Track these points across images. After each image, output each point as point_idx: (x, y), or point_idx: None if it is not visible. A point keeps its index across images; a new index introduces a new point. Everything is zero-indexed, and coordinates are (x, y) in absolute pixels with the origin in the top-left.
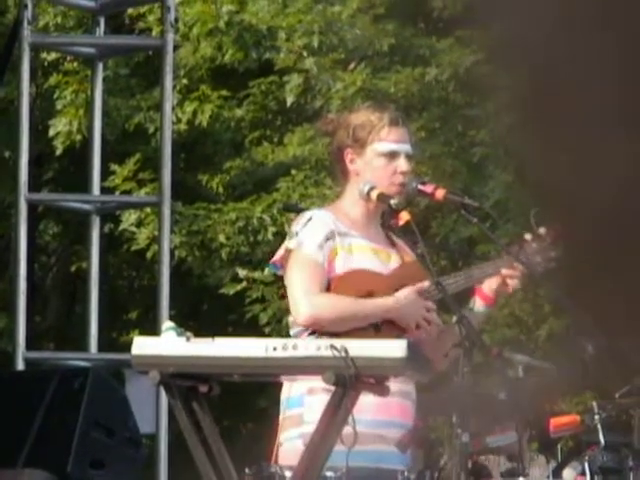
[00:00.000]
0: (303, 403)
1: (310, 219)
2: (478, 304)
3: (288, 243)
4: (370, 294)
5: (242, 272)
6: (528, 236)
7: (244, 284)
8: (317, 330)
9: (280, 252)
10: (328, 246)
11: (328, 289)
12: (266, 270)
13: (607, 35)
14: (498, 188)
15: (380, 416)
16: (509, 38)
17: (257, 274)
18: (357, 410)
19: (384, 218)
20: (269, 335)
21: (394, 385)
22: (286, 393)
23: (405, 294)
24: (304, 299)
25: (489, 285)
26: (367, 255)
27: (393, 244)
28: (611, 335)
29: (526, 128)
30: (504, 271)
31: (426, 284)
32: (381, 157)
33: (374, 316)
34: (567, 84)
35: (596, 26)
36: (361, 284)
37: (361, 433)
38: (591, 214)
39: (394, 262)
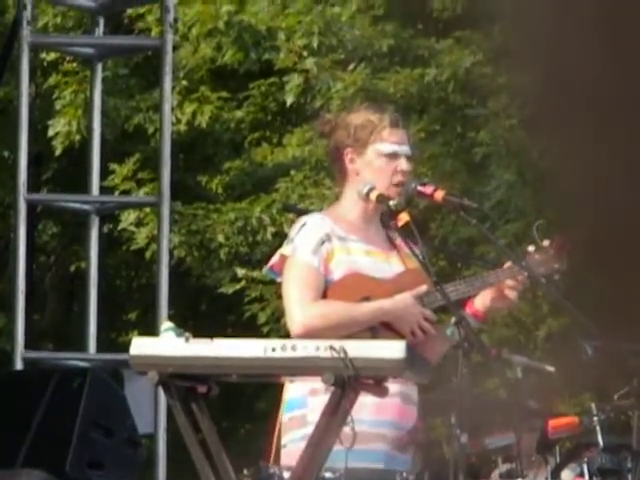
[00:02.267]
0: (306, 404)
1: (304, 224)
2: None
3: (283, 249)
4: (366, 299)
5: (241, 271)
6: (531, 248)
7: (243, 283)
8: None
9: (275, 258)
10: (324, 249)
11: (325, 294)
12: (264, 270)
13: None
14: (500, 189)
15: (381, 416)
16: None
17: (256, 273)
18: (359, 410)
19: (383, 219)
20: (267, 334)
21: (395, 386)
22: (288, 394)
23: (403, 298)
24: (297, 310)
25: (482, 301)
26: (365, 259)
27: (394, 246)
28: (610, 337)
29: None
30: (507, 282)
31: (424, 288)
32: (382, 157)
33: (370, 320)
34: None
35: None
36: (357, 289)
37: (362, 432)
38: (595, 218)
39: (394, 265)
